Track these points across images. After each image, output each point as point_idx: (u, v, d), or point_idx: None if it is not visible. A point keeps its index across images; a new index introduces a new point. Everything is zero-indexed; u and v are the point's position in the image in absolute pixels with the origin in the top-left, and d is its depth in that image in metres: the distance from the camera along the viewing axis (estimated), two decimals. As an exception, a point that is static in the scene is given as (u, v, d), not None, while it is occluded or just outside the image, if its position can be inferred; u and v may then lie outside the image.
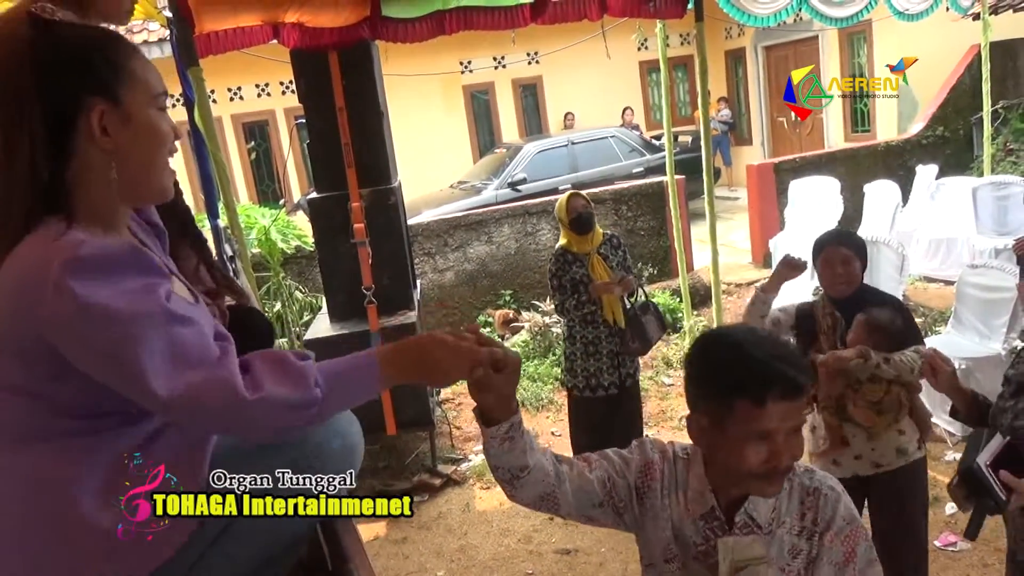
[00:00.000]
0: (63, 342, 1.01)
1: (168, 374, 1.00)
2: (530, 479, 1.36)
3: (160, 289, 1.04)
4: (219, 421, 1.07)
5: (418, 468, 4.75)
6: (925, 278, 7.13)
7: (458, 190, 10.12)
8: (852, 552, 1.31)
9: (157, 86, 1.14)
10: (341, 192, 4.39)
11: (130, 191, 1.13)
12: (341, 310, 4.60)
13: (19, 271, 1.01)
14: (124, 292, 1.00)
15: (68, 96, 1.06)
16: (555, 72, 12.80)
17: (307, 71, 4.37)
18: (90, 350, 1.01)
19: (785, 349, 1.34)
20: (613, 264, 4.09)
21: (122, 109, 1.09)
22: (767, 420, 1.25)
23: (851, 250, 2.76)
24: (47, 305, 0.98)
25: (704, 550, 1.39)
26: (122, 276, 1.01)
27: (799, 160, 8.83)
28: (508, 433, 1.30)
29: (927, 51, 10.05)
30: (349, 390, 1.14)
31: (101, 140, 1.08)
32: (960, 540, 3.47)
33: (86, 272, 0.98)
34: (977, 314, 4.63)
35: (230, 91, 11.66)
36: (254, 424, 1.07)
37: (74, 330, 0.99)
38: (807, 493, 1.36)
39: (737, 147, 13.63)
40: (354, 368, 1.15)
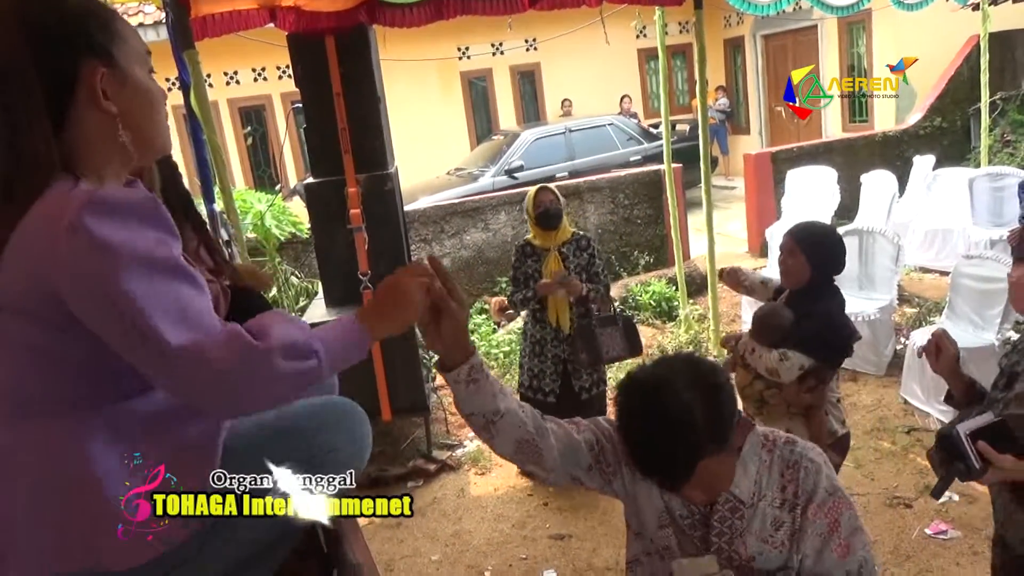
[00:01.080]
0: (71, 288, 0.98)
1: (177, 326, 0.97)
2: (505, 423, 1.37)
3: (174, 245, 1.03)
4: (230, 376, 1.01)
5: (413, 454, 4.77)
6: (921, 268, 7.15)
7: (455, 177, 10.11)
8: (836, 522, 1.33)
9: (143, 47, 1.15)
10: (337, 178, 4.37)
11: (141, 150, 1.14)
12: (337, 296, 4.60)
13: (34, 223, 1.00)
14: (139, 237, 0.98)
15: (65, 62, 1.05)
16: (553, 59, 12.76)
17: (304, 56, 4.34)
18: (96, 294, 0.97)
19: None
20: (571, 266, 3.95)
21: (119, 71, 1.10)
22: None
23: (796, 242, 2.79)
24: (60, 246, 0.96)
25: (689, 523, 1.43)
26: (139, 224, 1.00)
27: (796, 150, 8.82)
28: (471, 375, 1.33)
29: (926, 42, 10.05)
30: (340, 346, 1.13)
31: (104, 103, 1.07)
32: (951, 529, 3.49)
33: (102, 212, 0.97)
34: (972, 305, 4.65)
35: (226, 75, 11.60)
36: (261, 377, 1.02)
37: (83, 270, 0.96)
38: (787, 466, 1.38)
39: (735, 136, 13.61)
40: (338, 328, 1.15)
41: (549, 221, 3.95)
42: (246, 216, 6.17)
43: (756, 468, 1.39)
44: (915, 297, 6.34)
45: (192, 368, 0.99)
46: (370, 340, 1.16)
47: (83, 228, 0.95)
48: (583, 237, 4.08)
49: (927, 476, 3.94)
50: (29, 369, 1.07)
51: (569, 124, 10.42)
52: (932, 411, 4.47)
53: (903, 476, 3.97)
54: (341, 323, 1.16)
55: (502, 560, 3.74)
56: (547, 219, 3.95)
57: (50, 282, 0.98)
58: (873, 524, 3.60)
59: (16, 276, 1.01)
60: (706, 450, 1.30)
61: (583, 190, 7.81)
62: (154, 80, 1.17)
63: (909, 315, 5.98)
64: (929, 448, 1.96)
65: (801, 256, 2.76)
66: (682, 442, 1.28)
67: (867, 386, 5.06)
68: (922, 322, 5.74)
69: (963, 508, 3.64)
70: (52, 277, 0.98)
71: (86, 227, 0.95)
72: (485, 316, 7.04)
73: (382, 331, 1.20)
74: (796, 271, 2.79)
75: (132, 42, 1.13)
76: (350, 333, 1.15)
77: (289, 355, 1.03)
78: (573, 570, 3.58)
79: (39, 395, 1.08)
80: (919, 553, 3.39)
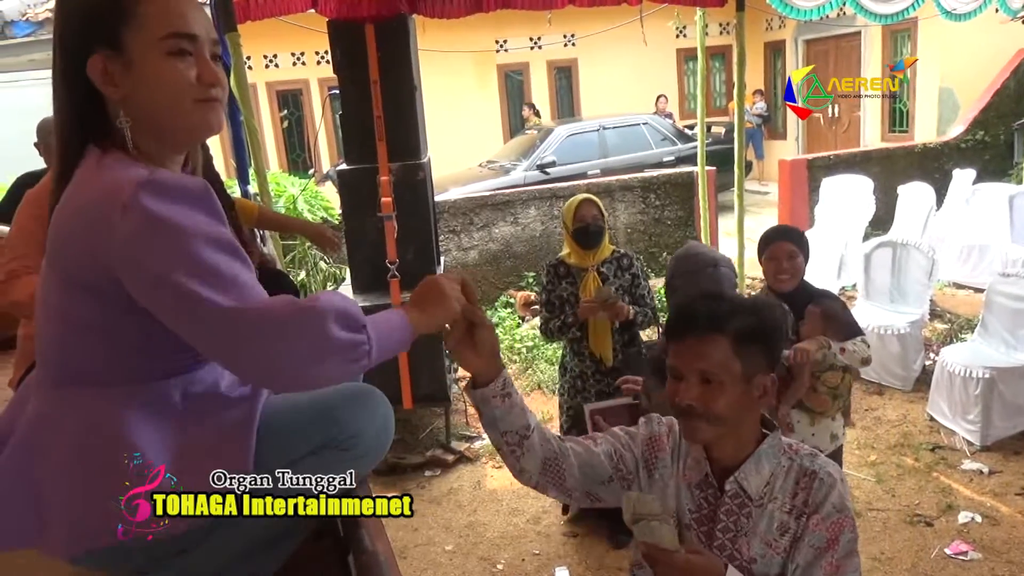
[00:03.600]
0: (126, 262, 1.00)
1: (231, 291, 0.99)
2: (535, 439, 1.41)
3: (224, 229, 1.04)
4: (282, 336, 0.99)
5: (432, 443, 4.79)
6: (954, 284, 7.03)
7: (486, 169, 10.11)
8: (835, 540, 1.32)
9: (171, 27, 1.08)
10: (370, 165, 4.40)
11: (155, 136, 1.12)
12: (364, 282, 4.63)
13: (90, 199, 1.03)
14: (191, 216, 1.00)
15: (77, 45, 1.08)
16: (590, 55, 12.70)
17: (343, 42, 4.37)
18: (151, 265, 0.99)
19: (715, 299, 1.43)
20: (614, 287, 3.45)
21: (124, 54, 1.07)
22: (670, 356, 1.40)
23: (795, 245, 2.87)
24: (116, 223, 0.98)
25: (697, 517, 1.43)
26: (191, 207, 1.01)
27: (833, 157, 8.71)
28: (504, 389, 1.36)
29: (973, 53, 9.87)
30: (387, 331, 1.12)
31: (106, 88, 1.08)
32: (972, 550, 3.44)
33: (157, 192, 0.99)
34: (1005, 323, 4.56)
35: (266, 58, 11.70)
36: (316, 338, 1.00)
37: (139, 244, 0.98)
38: (804, 474, 1.38)
39: (771, 141, 13.47)
40: (385, 316, 1.15)
41: (589, 239, 3.46)
42: (279, 199, 6.23)
43: (771, 469, 1.39)
44: (947, 313, 6.23)
45: (247, 326, 0.99)
46: (413, 332, 1.16)
47: (138, 205, 0.98)
48: (624, 255, 3.59)
49: (950, 495, 3.88)
50: (81, 342, 1.09)
51: (603, 122, 10.36)
52: (959, 429, 4.40)
53: (925, 494, 3.91)
54: (386, 313, 1.16)
55: (515, 554, 3.75)
56: (586, 237, 3.45)
57: (107, 260, 1.00)
58: (892, 541, 3.55)
59: (74, 249, 1.04)
60: (750, 345, 1.35)
61: (614, 189, 7.78)
62: (181, 62, 1.09)
63: (940, 331, 5.88)
64: None
65: (801, 257, 2.88)
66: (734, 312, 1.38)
67: (893, 400, 4.99)
68: (953, 338, 5.64)
69: (985, 529, 3.58)
70: (109, 255, 1.00)
71: (141, 204, 0.98)
72: (510, 310, 7.05)
73: (423, 326, 1.19)
74: (799, 272, 2.89)
75: (153, 28, 1.07)
76: (396, 322, 1.15)
77: (342, 322, 1.03)
78: (585, 568, 3.58)
79: (88, 367, 1.10)
80: (938, 573, 3.34)
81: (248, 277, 1.03)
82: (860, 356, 2.76)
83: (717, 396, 1.34)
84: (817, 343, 2.67)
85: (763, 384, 1.37)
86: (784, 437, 1.46)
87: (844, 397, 2.84)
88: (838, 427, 2.90)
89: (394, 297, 4.35)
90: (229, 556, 1.20)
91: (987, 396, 4.24)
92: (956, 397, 4.42)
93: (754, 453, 1.40)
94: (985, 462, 4.14)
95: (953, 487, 3.97)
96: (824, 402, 2.78)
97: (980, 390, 4.24)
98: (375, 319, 1.12)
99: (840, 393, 2.81)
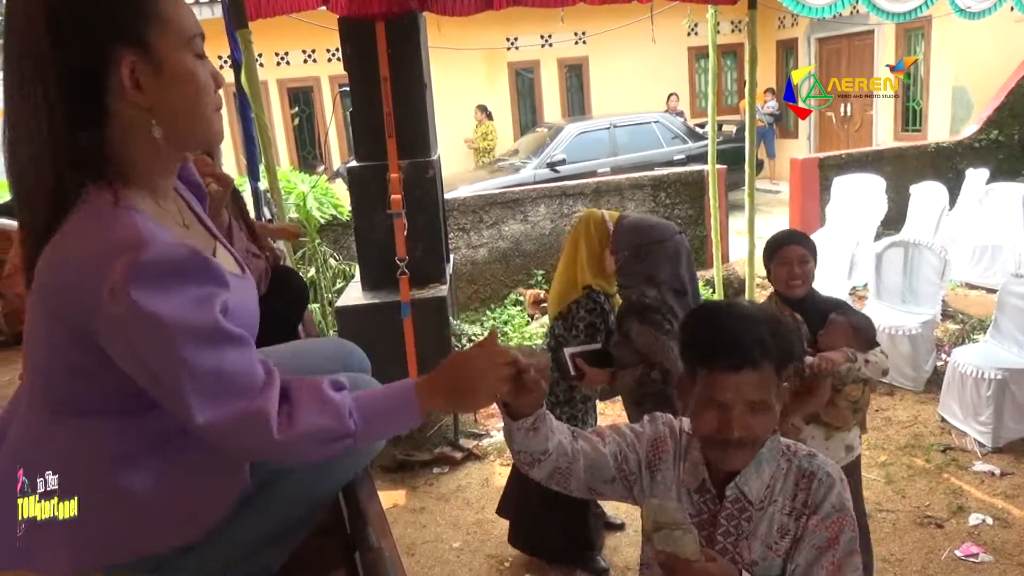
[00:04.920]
0: (113, 345, 0.98)
1: (209, 401, 0.97)
2: (548, 461, 1.41)
3: (217, 301, 0.99)
4: (250, 455, 1.09)
5: (440, 441, 4.79)
6: (967, 284, 6.98)
7: (496, 167, 10.11)
8: (835, 539, 1.31)
9: (191, 27, 1.02)
10: (380, 162, 4.40)
11: (178, 145, 1.06)
12: (373, 279, 4.64)
13: (78, 259, 0.96)
14: (182, 303, 0.95)
15: (91, 49, 0.95)
16: (601, 53, 12.68)
17: (353, 39, 4.37)
18: (137, 360, 0.98)
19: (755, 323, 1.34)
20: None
21: (153, 57, 0.98)
22: (718, 389, 1.31)
23: (807, 250, 2.79)
24: (103, 306, 0.93)
25: (697, 522, 1.42)
26: (182, 285, 0.96)
27: (845, 156, 8.65)
28: (534, 424, 1.35)
29: (987, 52, 9.80)
30: (386, 422, 1.12)
31: (134, 95, 0.98)
32: (983, 552, 3.41)
33: (146, 280, 0.93)
34: (1018, 324, 4.52)
35: (277, 55, 11.74)
36: (284, 458, 1.08)
37: (126, 336, 0.96)
38: (803, 475, 1.37)
39: (782, 140, 13.40)
40: (391, 401, 1.13)
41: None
42: (289, 196, 6.25)
43: (771, 472, 1.38)
44: (959, 313, 6.19)
45: (222, 441, 1.03)
46: (422, 414, 1.13)
47: (127, 297, 0.92)
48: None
49: (960, 496, 3.86)
50: (66, 375, 1.05)
51: (614, 120, 10.34)
52: (970, 431, 4.37)
53: (935, 495, 3.89)
54: (395, 390, 1.13)
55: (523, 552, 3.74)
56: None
57: (92, 329, 0.97)
58: (902, 542, 3.53)
59: (60, 299, 0.99)
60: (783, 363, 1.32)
61: (624, 187, 7.76)
62: (203, 65, 1.04)
63: (952, 331, 5.84)
64: None
65: (812, 262, 2.80)
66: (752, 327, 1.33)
67: (904, 401, 4.96)
68: (965, 339, 5.60)
69: (996, 531, 3.56)
70: (95, 326, 0.97)
71: (130, 297, 0.92)
72: (519, 308, 7.05)
73: (438, 406, 1.15)
74: (810, 277, 2.80)
75: (176, 23, 1.00)
76: (403, 402, 1.12)
77: (311, 443, 1.04)
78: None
79: (73, 398, 1.07)
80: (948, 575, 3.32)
81: (235, 366, 1.00)
82: (881, 367, 2.63)
83: (765, 422, 1.33)
84: (844, 355, 2.52)
85: (784, 394, 1.37)
86: (781, 437, 1.45)
87: (863, 411, 2.71)
88: (854, 437, 2.77)
89: (403, 294, 4.36)
90: (237, 551, 1.20)
91: (999, 397, 4.20)
92: (968, 398, 4.39)
93: (754, 458, 1.38)
94: (996, 464, 4.11)
95: (964, 489, 3.94)
96: (844, 417, 2.64)
97: (992, 391, 4.21)
98: (373, 405, 1.10)
99: (860, 407, 2.67)
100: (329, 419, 1.05)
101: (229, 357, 0.99)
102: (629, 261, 2.90)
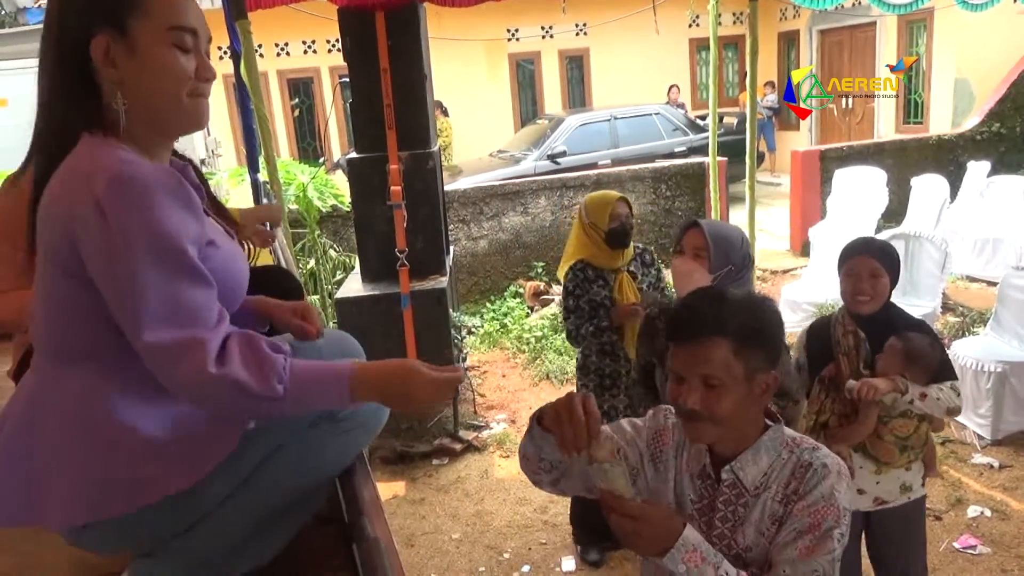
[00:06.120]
0: (89, 255, 1.04)
1: (158, 323, 1.03)
2: (558, 469, 1.43)
3: (190, 227, 1.07)
4: (180, 386, 1.07)
5: (440, 432, 4.80)
6: (967, 277, 6.98)
7: (497, 159, 10.09)
8: (817, 525, 1.31)
9: (176, 20, 1.12)
10: (380, 154, 4.40)
11: (147, 122, 1.14)
12: (373, 271, 4.64)
13: (65, 180, 1.06)
14: (157, 221, 1.03)
15: (79, 26, 1.10)
16: (602, 45, 12.64)
17: (353, 30, 4.36)
18: (107, 270, 1.03)
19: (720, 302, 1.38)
20: (643, 286, 3.37)
21: (128, 40, 1.10)
22: (675, 360, 1.39)
23: (881, 263, 2.42)
24: (86, 215, 1.02)
25: (699, 507, 1.43)
26: (159, 203, 1.03)
27: (846, 149, 8.64)
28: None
29: (989, 44, 9.76)
30: (313, 396, 1.14)
31: (106, 70, 1.10)
32: (980, 544, 3.42)
33: (125, 193, 1.02)
34: (1018, 317, 4.52)
35: (277, 46, 11.70)
36: (210, 399, 1.08)
37: (101, 245, 1.02)
38: (800, 465, 1.38)
39: (784, 132, 13.37)
40: (324, 378, 1.14)
41: (620, 240, 3.28)
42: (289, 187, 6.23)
43: (769, 461, 1.39)
44: (960, 306, 6.19)
45: (159, 366, 1.06)
46: (351, 402, 1.16)
47: (106, 208, 1.01)
48: (644, 251, 3.46)
49: (959, 489, 3.87)
50: (67, 320, 1.11)
51: (614, 112, 10.32)
52: (969, 423, 4.37)
53: (935, 487, 3.88)
54: (333, 372, 1.15)
55: (522, 543, 3.76)
56: (617, 238, 3.26)
57: (75, 242, 1.04)
58: (900, 534, 3.54)
59: (50, 227, 1.08)
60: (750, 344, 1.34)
61: (625, 179, 7.75)
62: (186, 58, 1.14)
63: (952, 324, 5.84)
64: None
65: (886, 277, 2.42)
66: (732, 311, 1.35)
67: (903, 394, 4.96)
68: (965, 332, 5.60)
69: (994, 524, 3.57)
70: (77, 238, 1.04)
71: (109, 207, 1.01)
72: (519, 300, 7.05)
73: (370, 399, 1.20)
74: (882, 294, 2.43)
75: (159, 18, 1.11)
76: (335, 387, 1.14)
77: (232, 391, 1.05)
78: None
79: (77, 344, 1.12)
80: (946, 567, 3.33)
81: (193, 300, 1.05)
82: (945, 406, 2.33)
83: (720, 399, 1.33)
84: (891, 384, 2.29)
85: (765, 382, 1.37)
86: (789, 431, 1.45)
87: (916, 449, 2.44)
88: (913, 478, 2.47)
89: (403, 286, 4.36)
90: (233, 536, 1.21)
91: (998, 390, 4.21)
92: (967, 391, 4.38)
93: (753, 444, 1.40)
94: (995, 456, 4.12)
95: (963, 481, 3.95)
96: (889, 452, 2.40)
97: (992, 384, 4.22)
98: (308, 378, 1.12)
99: (911, 445, 2.42)
100: (258, 372, 1.07)
101: (189, 290, 1.05)
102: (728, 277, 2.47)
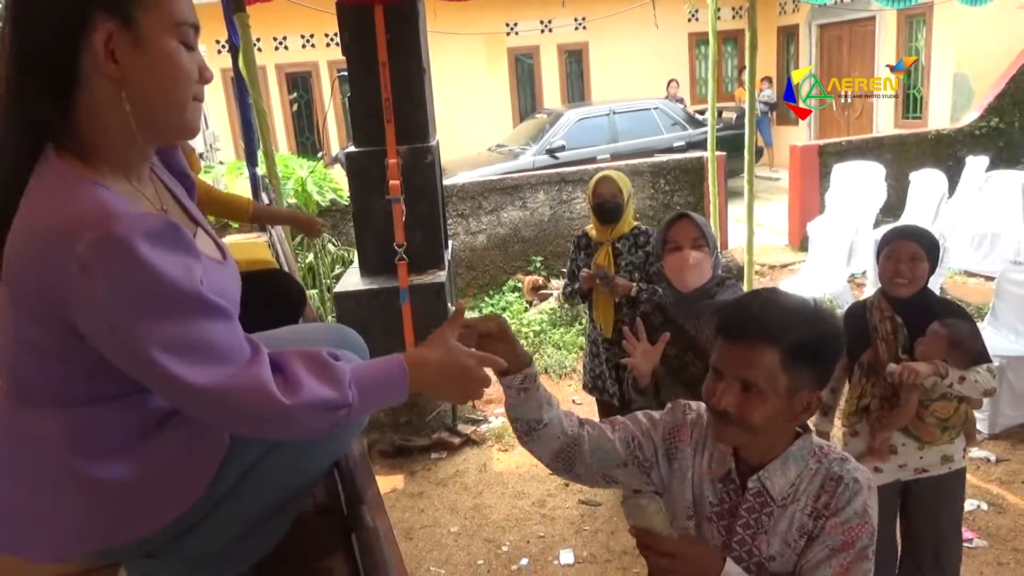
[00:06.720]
0: (87, 325, 0.93)
1: (200, 365, 0.93)
2: (545, 433, 1.43)
3: (195, 270, 0.95)
4: (253, 423, 0.99)
5: (438, 426, 4.81)
6: (965, 272, 6.98)
7: (496, 153, 10.09)
8: (851, 543, 1.29)
9: (183, 15, 1.00)
10: (379, 148, 4.39)
11: (146, 128, 1.00)
12: (372, 265, 4.64)
13: (44, 230, 0.91)
14: (156, 275, 0.90)
15: (69, 14, 0.93)
16: (601, 39, 12.62)
17: (352, 23, 4.35)
18: (113, 338, 0.93)
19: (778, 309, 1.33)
20: (622, 263, 3.57)
21: (135, 32, 0.95)
22: (717, 354, 1.36)
23: (921, 247, 2.49)
24: (73, 281, 0.89)
25: (718, 511, 1.41)
26: (154, 256, 0.90)
27: (845, 144, 8.64)
28: (523, 384, 1.38)
29: (988, 39, 9.76)
30: (379, 394, 1.11)
31: (107, 66, 0.94)
32: (977, 537, 3.44)
33: (117, 251, 0.88)
34: (1016, 312, 4.53)
35: (275, 40, 11.67)
36: (289, 429, 1.02)
37: (99, 313, 0.91)
38: (830, 478, 1.34)
39: (782, 127, 13.36)
40: (385, 373, 1.11)
41: (605, 215, 3.60)
42: (288, 181, 6.24)
43: (797, 471, 1.36)
44: (958, 300, 6.19)
45: (223, 406, 0.97)
46: (408, 392, 1.12)
47: (97, 271, 0.88)
48: (643, 232, 3.66)
49: (956, 483, 3.88)
50: (35, 364, 1.01)
51: (613, 106, 10.31)
52: (966, 417, 4.38)
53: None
54: (389, 367, 1.11)
55: (520, 536, 3.77)
56: (603, 213, 3.60)
57: (63, 309, 0.92)
58: (897, 527, 3.56)
59: (25, 280, 0.94)
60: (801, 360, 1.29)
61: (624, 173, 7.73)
62: (192, 56, 1.02)
63: (950, 319, 5.84)
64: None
65: (926, 262, 2.49)
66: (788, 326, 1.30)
67: (901, 388, 4.97)
68: (963, 327, 5.60)
69: (991, 517, 3.58)
70: (65, 305, 0.92)
71: (101, 270, 0.88)
72: (518, 294, 7.06)
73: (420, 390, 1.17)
74: (920, 278, 2.51)
75: (167, 8, 0.98)
76: (396, 379, 1.11)
77: (316, 411, 1.00)
78: (590, 552, 3.60)
79: (43, 388, 1.03)
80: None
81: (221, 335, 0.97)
82: (982, 387, 2.45)
83: (756, 406, 1.29)
84: (932, 368, 2.37)
85: (807, 400, 1.32)
86: (816, 438, 1.41)
87: (956, 428, 2.55)
88: (956, 449, 2.58)
89: (402, 280, 4.36)
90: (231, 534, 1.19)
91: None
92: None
93: (782, 454, 1.37)
94: (992, 450, 4.13)
95: (960, 475, 3.96)
96: (931, 433, 2.51)
97: (989, 378, 4.22)
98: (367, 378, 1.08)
99: (951, 424, 2.53)
100: (332, 384, 1.01)
101: (211, 328, 0.95)
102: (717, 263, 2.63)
